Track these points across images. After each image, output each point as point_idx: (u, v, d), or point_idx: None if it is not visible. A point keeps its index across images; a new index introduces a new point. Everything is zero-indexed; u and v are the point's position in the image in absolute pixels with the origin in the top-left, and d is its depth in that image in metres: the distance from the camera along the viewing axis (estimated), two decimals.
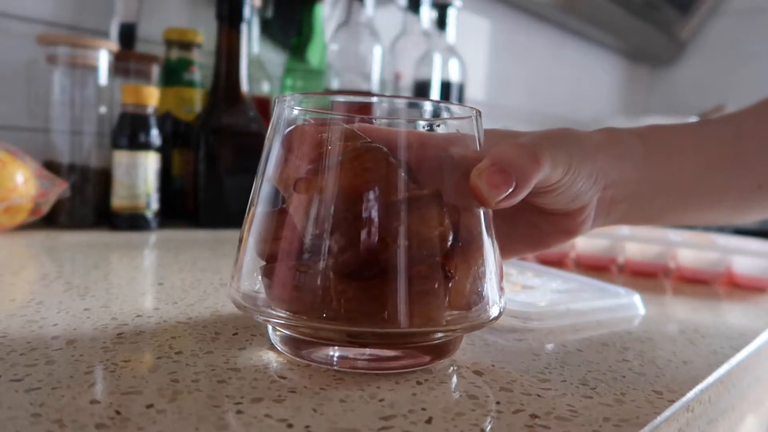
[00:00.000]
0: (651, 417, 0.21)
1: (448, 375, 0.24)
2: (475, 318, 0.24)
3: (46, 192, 0.54)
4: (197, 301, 0.33)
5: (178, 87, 0.72)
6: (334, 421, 0.19)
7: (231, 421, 0.19)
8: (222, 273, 0.41)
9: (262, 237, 0.25)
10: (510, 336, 0.30)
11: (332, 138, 0.23)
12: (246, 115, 0.66)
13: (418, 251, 0.22)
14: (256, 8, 0.78)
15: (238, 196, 0.64)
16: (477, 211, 0.25)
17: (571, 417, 0.21)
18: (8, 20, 0.65)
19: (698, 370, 0.27)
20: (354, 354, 0.24)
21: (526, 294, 0.38)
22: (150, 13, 0.75)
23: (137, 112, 0.59)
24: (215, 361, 0.24)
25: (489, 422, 0.20)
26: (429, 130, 0.25)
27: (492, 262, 0.25)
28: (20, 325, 0.27)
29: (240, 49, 0.66)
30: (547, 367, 0.26)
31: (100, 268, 0.41)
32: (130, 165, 0.58)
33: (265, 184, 0.25)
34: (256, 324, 0.29)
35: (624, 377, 0.25)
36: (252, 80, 0.73)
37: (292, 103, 0.25)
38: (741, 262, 0.48)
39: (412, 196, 0.22)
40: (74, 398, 0.20)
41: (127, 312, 0.30)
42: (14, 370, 0.22)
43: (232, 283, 0.25)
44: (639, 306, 0.38)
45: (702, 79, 1.92)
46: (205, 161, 0.64)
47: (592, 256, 0.53)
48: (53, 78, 0.58)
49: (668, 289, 0.47)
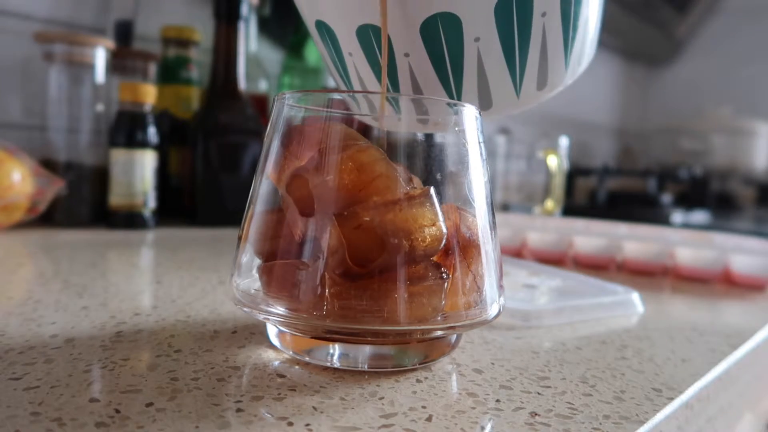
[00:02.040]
0: (650, 414, 0.21)
1: (448, 373, 0.24)
2: (474, 316, 0.24)
3: (42, 190, 0.54)
4: (196, 300, 0.33)
5: (176, 85, 0.71)
6: (335, 419, 0.19)
7: (231, 420, 0.19)
8: (220, 271, 0.41)
9: (260, 235, 0.24)
10: (509, 334, 0.31)
11: (328, 137, 0.23)
12: (243, 113, 0.66)
13: (413, 251, 0.22)
14: (254, 6, 0.78)
15: (235, 194, 0.64)
16: (477, 209, 0.25)
17: (571, 414, 0.21)
18: (5, 17, 0.64)
19: (697, 367, 0.27)
20: (353, 352, 0.24)
21: (525, 292, 0.38)
22: (147, 10, 0.75)
23: (134, 110, 0.59)
24: (214, 360, 0.24)
25: (489, 420, 0.20)
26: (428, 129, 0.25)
27: (491, 260, 0.25)
28: (18, 324, 0.27)
29: (237, 46, 0.66)
30: (546, 365, 0.26)
31: (98, 266, 0.41)
32: (127, 163, 0.58)
33: (264, 182, 0.25)
34: (255, 322, 0.29)
35: (623, 375, 0.25)
36: (249, 78, 0.73)
37: (291, 101, 0.25)
38: (739, 260, 0.48)
39: (407, 195, 0.22)
40: (73, 397, 0.20)
41: (125, 310, 0.30)
42: (12, 369, 0.22)
43: (231, 281, 0.25)
44: (638, 304, 0.38)
45: (699, 78, 1.92)
46: (203, 159, 0.64)
47: (591, 255, 0.53)
48: (50, 75, 0.58)
49: (667, 288, 0.47)
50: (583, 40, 0.29)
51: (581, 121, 1.72)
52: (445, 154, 0.25)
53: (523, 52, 0.27)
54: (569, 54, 0.28)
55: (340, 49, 0.29)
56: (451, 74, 0.27)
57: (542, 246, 0.55)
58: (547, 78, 0.28)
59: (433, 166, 0.24)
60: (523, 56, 0.27)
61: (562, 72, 0.28)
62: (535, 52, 0.27)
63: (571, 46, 0.28)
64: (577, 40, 0.28)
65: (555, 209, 0.89)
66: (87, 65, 0.59)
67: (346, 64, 0.29)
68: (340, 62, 0.30)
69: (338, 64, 0.30)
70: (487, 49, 0.27)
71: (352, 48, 0.28)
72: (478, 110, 0.26)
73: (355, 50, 0.28)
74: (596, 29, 0.31)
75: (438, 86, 0.28)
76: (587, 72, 0.32)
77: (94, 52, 0.59)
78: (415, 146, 0.24)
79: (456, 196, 0.24)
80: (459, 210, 0.24)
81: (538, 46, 0.27)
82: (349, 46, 0.28)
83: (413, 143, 0.24)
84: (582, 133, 1.70)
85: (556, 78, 0.28)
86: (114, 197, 0.58)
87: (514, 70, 0.27)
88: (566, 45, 0.28)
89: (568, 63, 0.28)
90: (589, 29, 0.29)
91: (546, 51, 0.27)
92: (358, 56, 0.28)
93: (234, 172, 0.65)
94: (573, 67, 0.29)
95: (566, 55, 0.28)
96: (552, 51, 0.27)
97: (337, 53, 0.29)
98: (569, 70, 0.29)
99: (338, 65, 0.30)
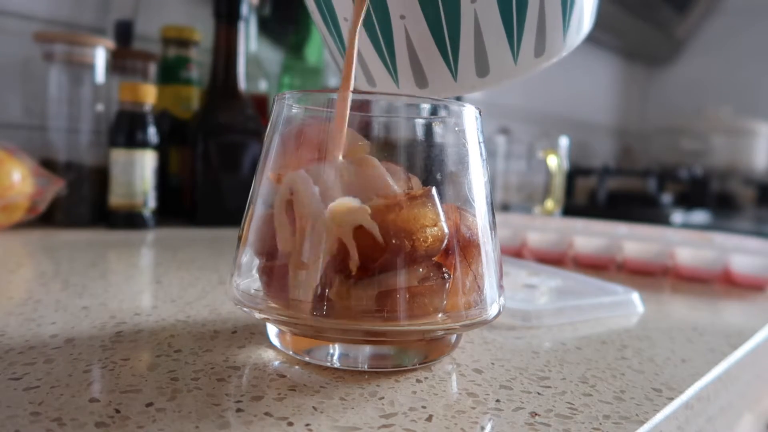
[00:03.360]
0: (651, 414, 0.21)
1: (448, 373, 0.24)
2: (474, 316, 0.24)
3: (42, 190, 0.54)
4: (196, 300, 0.33)
5: (176, 85, 0.71)
6: (335, 419, 0.19)
7: (231, 420, 0.19)
8: (220, 271, 0.41)
9: (260, 235, 0.24)
10: (509, 334, 0.31)
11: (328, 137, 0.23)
12: (243, 113, 0.66)
13: (414, 251, 0.22)
14: (254, 6, 0.77)
15: (235, 194, 0.64)
16: (477, 209, 0.25)
17: (571, 414, 0.21)
18: (5, 17, 0.64)
19: (697, 367, 0.27)
20: (353, 352, 0.24)
21: (525, 292, 0.38)
22: (147, 10, 0.75)
23: (134, 110, 0.59)
24: (215, 360, 0.24)
25: (489, 420, 0.20)
26: (428, 128, 0.25)
27: (491, 260, 0.25)
28: (18, 324, 0.27)
29: (237, 46, 0.66)
30: (546, 365, 0.26)
31: (98, 266, 0.41)
32: (127, 163, 0.58)
33: (264, 182, 0.25)
34: (255, 322, 0.29)
35: (623, 375, 0.25)
36: (249, 78, 0.73)
37: (292, 101, 0.25)
38: (739, 260, 0.48)
39: (408, 195, 0.22)
40: (73, 397, 0.20)
41: (125, 310, 0.30)
42: (13, 369, 0.22)
43: (231, 281, 0.25)
44: (637, 304, 0.38)
45: (699, 78, 1.92)
46: (203, 159, 0.64)
47: (591, 255, 0.53)
48: (50, 75, 0.58)
49: (667, 288, 0.47)
50: (581, 8, 0.29)
51: (581, 121, 1.72)
52: (445, 154, 0.25)
53: (520, 15, 0.27)
54: (568, 21, 0.28)
55: (335, 14, 0.29)
56: (447, 38, 0.27)
57: (542, 246, 0.55)
58: (545, 45, 0.28)
59: (433, 166, 0.24)
60: (520, 21, 0.27)
61: (561, 40, 0.28)
62: (533, 16, 0.27)
63: (570, 12, 0.28)
64: (576, 7, 0.28)
65: (555, 209, 0.89)
66: (87, 65, 0.59)
67: (341, 30, 0.29)
68: (335, 28, 0.30)
69: (333, 30, 0.30)
70: (484, 11, 0.26)
71: (347, 12, 0.28)
72: (478, 110, 0.26)
73: (351, 14, 0.28)
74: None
75: (434, 51, 0.28)
76: (587, 72, 0.32)
77: (94, 52, 0.59)
78: (415, 146, 0.24)
79: (456, 196, 0.24)
80: (459, 210, 0.24)
81: (536, 10, 0.27)
82: (345, 11, 0.28)
83: (413, 143, 0.24)
84: (582, 133, 1.71)
85: (554, 45, 0.28)
86: (114, 197, 0.58)
87: (512, 35, 0.27)
88: (564, 11, 0.28)
89: (566, 31, 0.28)
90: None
91: (544, 16, 0.27)
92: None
93: (234, 172, 0.65)
94: (571, 36, 0.29)
95: (564, 21, 0.28)
96: (550, 16, 0.27)
97: (332, 19, 0.29)
98: (568, 39, 0.29)
99: (333, 31, 0.30)
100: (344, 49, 0.30)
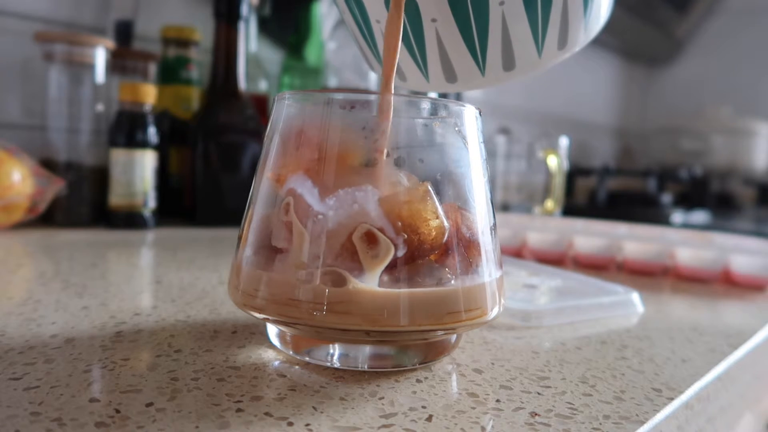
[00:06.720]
0: (650, 414, 0.21)
1: (448, 373, 0.24)
2: (474, 316, 0.24)
3: (42, 190, 0.54)
4: (195, 300, 0.33)
5: (176, 85, 0.71)
6: (335, 419, 0.19)
7: (231, 420, 0.19)
8: (220, 271, 0.41)
9: (260, 235, 0.24)
10: (509, 334, 0.31)
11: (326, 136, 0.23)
12: (243, 113, 0.66)
13: (421, 244, 0.22)
14: (254, 6, 0.77)
15: (235, 194, 0.64)
16: (477, 209, 0.25)
17: (571, 414, 0.21)
18: (5, 17, 0.64)
19: (697, 367, 0.27)
20: (353, 352, 0.24)
21: (525, 292, 0.38)
22: (147, 10, 0.75)
23: (134, 110, 0.59)
24: (214, 360, 0.24)
25: (489, 420, 0.20)
26: (428, 129, 0.25)
27: (492, 260, 0.25)
28: (18, 324, 0.27)
29: (237, 47, 0.66)
30: (546, 365, 0.26)
31: (98, 266, 0.41)
32: (127, 163, 0.58)
33: (264, 182, 0.25)
34: (255, 322, 0.29)
35: (623, 375, 0.25)
36: (249, 78, 0.73)
37: (292, 101, 0.25)
38: (739, 260, 0.48)
39: (406, 191, 0.22)
40: (73, 396, 0.20)
41: (125, 310, 0.30)
42: (13, 369, 0.22)
43: (231, 281, 0.25)
44: (637, 304, 0.38)
45: (699, 78, 1.92)
46: (203, 159, 0.64)
47: (591, 255, 0.53)
48: (50, 75, 0.58)
49: (667, 288, 0.47)
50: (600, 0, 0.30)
51: (581, 121, 1.72)
52: (445, 154, 0.25)
53: (545, 12, 0.28)
54: (588, 12, 0.29)
55: (367, 16, 0.29)
56: (476, 38, 0.28)
57: (542, 246, 0.55)
58: (567, 37, 0.29)
59: (433, 165, 0.24)
60: (545, 17, 0.28)
61: (582, 31, 0.29)
62: (557, 12, 0.28)
63: (591, 4, 0.29)
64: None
65: (555, 209, 0.89)
66: (87, 65, 0.59)
67: (374, 31, 0.30)
68: (367, 29, 0.30)
69: (365, 31, 0.31)
70: (511, 11, 0.27)
71: (380, 15, 0.29)
72: (478, 110, 0.26)
73: (384, 17, 0.28)
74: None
75: (464, 51, 0.29)
76: (587, 72, 0.32)
77: (94, 52, 0.59)
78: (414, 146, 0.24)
79: (456, 196, 0.24)
80: (459, 210, 0.24)
81: (560, 6, 0.28)
82: (378, 14, 0.29)
83: (413, 143, 0.24)
84: (582, 133, 1.71)
85: (576, 37, 0.29)
86: (114, 197, 0.58)
87: (537, 30, 0.28)
88: (586, 3, 0.29)
89: (587, 21, 0.29)
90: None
91: (567, 10, 0.28)
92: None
93: (234, 172, 0.65)
94: (592, 26, 0.30)
95: (585, 13, 0.29)
96: (572, 10, 0.28)
97: (365, 20, 0.30)
98: (588, 30, 0.30)
99: (365, 32, 0.31)
100: (376, 50, 0.31)
